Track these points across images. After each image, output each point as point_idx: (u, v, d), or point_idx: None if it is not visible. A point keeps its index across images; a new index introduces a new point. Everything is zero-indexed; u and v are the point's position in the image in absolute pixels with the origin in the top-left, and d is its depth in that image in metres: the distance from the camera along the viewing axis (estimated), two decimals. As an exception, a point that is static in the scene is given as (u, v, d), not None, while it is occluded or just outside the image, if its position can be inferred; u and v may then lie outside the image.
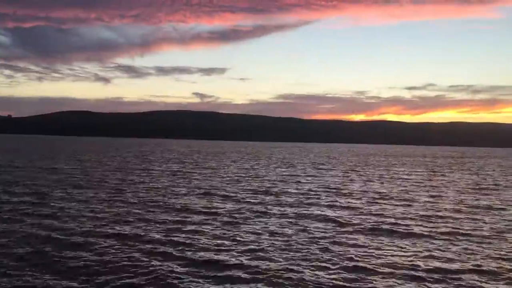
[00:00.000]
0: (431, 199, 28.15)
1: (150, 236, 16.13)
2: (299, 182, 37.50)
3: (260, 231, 17.45)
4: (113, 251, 14.12)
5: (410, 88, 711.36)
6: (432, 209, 23.96)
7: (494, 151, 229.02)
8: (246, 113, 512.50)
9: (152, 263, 13.00)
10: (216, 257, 13.81)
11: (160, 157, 72.92)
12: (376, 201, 26.77)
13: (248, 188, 31.99)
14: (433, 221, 20.46)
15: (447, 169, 61.52)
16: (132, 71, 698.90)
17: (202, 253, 14.15)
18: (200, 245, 15.17)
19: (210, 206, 23.29)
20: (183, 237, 16.15)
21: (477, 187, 37.24)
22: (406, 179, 43.40)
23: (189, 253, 14.18)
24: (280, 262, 13.45)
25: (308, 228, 18.18)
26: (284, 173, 46.17)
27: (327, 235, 17.07)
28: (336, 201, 26.26)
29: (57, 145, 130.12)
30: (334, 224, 19.18)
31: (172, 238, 16.01)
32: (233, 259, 13.60)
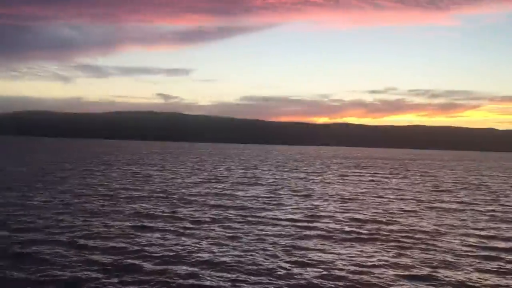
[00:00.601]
0: (391, 201, 28.41)
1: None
2: (261, 184, 37.23)
3: (215, 236, 16.99)
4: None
5: (372, 92, 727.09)
6: (390, 211, 24.13)
7: (451, 154, 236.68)
8: (210, 115, 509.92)
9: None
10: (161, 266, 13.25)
11: (120, 159, 71.21)
12: (336, 203, 26.77)
13: (208, 191, 31.42)
14: (385, 222, 20.56)
15: (407, 171, 62.75)
16: (93, 71, 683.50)
17: (150, 263, 13.56)
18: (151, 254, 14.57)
19: (167, 210, 22.62)
20: (131, 245, 15.51)
21: (435, 189, 37.99)
22: (368, 181, 43.87)
23: (138, 262, 13.58)
24: (234, 271, 13.04)
25: (265, 232, 17.85)
26: (246, 175, 45.82)
27: (287, 238, 16.79)
28: (298, 203, 26.09)
29: (14, 146, 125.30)
30: (294, 227, 18.92)
31: (123, 246, 15.34)
32: (184, 268, 13.09)
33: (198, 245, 15.37)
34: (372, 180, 44.65)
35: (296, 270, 12.92)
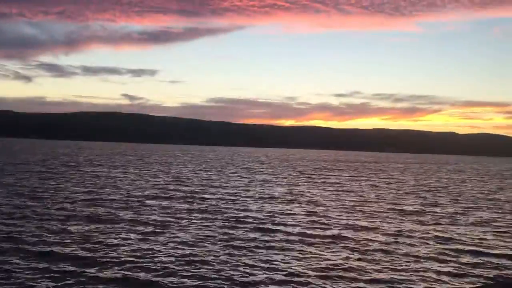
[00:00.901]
0: (355, 204, 28.69)
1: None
2: (227, 187, 36.99)
3: (178, 241, 16.68)
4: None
5: (337, 95, 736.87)
6: (354, 214, 24.36)
7: (413, 157, 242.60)
8: (177, 116, 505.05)
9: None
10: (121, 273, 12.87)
11: (82, 160, 69.44)
12: (301, 206, 26.82)
13: (172, 193, 30.94)
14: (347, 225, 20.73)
15: (371, 174, 63.79)
16: (56, 70, 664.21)
17: (114, 269, 13.15)
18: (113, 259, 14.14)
19: (130, 213, 22.10)
20: (94, 249, 15.03)
21: (398, 192, 38.69)
22: (333, 183, 44.28)
23: (97, 267, 13.14)
24: (197, 276, 12.80)
25: (231, 234, 17.65)
26: (211, 178, 45.47)
27: (251, 242, 16.64)
28: (263, 206, 26.00)
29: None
30: (259, 231, 18.80)
31: (81, 252, 14.83)
32: (144, 275, 12.76)
33: (160, 251, 15.02)
34: (337, 183, 45.10)
35: (259, 275, 12.78)
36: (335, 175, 57.53)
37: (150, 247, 15.48)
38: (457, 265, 14.61)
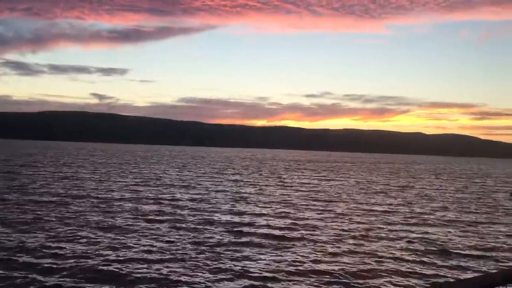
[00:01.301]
0: (325, 204, 28.77)
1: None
2: (195, 187, 36.57)
3: (149, 239, 16.26)
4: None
5: (308, 96, 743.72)
6: (322, 215, 24.39)
7: (382, 156, 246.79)
8: (147, 116, 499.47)
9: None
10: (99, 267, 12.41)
11: (49, 160, 67.59)
12: (270, 206, 26.70)
13: (141, 195, 30.35)
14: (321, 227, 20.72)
15: (341, 174, 64.39)
16: (22, 68, 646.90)
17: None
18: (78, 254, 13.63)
19: (96, 216, 21.48)
20: (64, 247, 14.47)
21: (368, 191, 39.09)
22: (304, 184, 44.41)
23: (59, 262, 12.63)
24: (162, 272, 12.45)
25: (200, 235, 17.34)
26: (181, 178, 44.91)
27: (219, 242, 16.37)
28: (232, 208, 25.74)
29: None
30: (226, 233, 18.54)
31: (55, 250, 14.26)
32: (111, 268, 12.33)
33: (127, 254, 14.58)
34: (308, 184, 45.25)
35: (222, 280, 12.54)
36: (305, 176, 57.77)
37: (117, 251, 15.03)
38: (421, 264, 14.71)
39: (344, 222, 22.06)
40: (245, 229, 19.37)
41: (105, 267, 13.07)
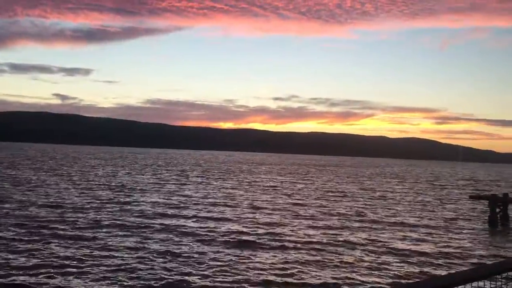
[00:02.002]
0: (290, 207, 28.66)
1: None
2: (160, 190, 35.84)
3: (110, 249, 15.65)
4: None
5: (275, 99, 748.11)
6: (287, 218, 24.26)
7: (346, 159, 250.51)
8: (112, 117, 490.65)
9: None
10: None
11: (4, 163, 65.09)
12: (236, 209, 26.39)
13: (103, 198, 29.42)
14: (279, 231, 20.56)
15: (307, 177, 64.73)
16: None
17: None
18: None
19: (55, 218, 20.58)
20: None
21: (332, 194, 39.30)
22: (269, 187, 44.30)
23: None
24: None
25: (150, 240, 16.85)
26: (147, 181, 43.99)
27: (189, 250, 15.94)
28: (197, 211, 25.29)
29: None
30: (188, 236, 18.12)
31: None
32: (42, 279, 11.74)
33: (88, 257, 13.95)
34: (273, 187, 45.17)
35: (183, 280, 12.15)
36: (270, 179, 57.74)
37: (79, 256, 14.38)
38: (381, 267, 14.72)
39: (306, 225, 21.97)
40: (210, 232, 19.00)
41: (68, 269, 12.44)
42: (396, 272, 14.36)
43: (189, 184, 43.39)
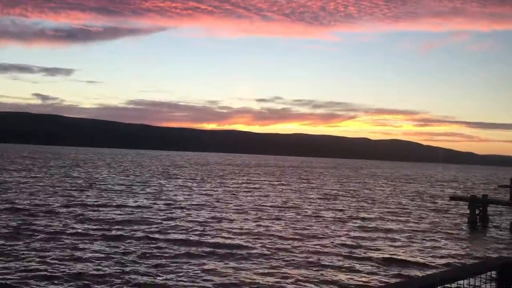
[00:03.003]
0: (273, 209, 28.57)
1: None
2: (140, 193, 35.42)
3: (91, 253, 15.31)
4: None
5: (259, 100, 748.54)
6: (268, 220, 24.16)
7: (330, 161, 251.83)
8: (94, 118, 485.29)
9: None
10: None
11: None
12: (219, 212, 26.19)
13: (79, 201, 28.92)
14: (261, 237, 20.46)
15: (290, 178, 64.80)
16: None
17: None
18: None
19: (21, 222, 20.11)
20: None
21: (315, 196, 39.38)
22: (252, 189, 44.18)
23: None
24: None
25: (147, 246, 16.56)
26: (124, 183, 43.45)
27: (142, 250, 15.69)
28: (173, 213, 25.02)
29: None
30: (158, 242, 17.87)
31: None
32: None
33: (54, 263, 13.62)
34: (256, 188, 45.07)
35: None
36: (251, 180, 57.64)
37: (57, 261, 14.03)
38: (359, 270, 14.72)
39: (283, 228, 21.89)
40: (190, 238, 18.77)
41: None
42: (375, 275, 14.38)
43: (168, 186, 43.03)
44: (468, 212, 26.71)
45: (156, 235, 18.58)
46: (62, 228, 19.13)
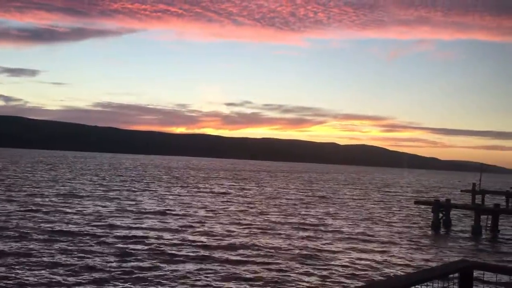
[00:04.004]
0: (241, 213, 28.44)
1: None
2: (106, 197, 34.69)
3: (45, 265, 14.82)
4: None
5: (228, 104, 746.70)
6: (233, 226, 24.05)
7: (299, 166, 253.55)
8: (59, 120, 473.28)
9: None
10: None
11: None
12: (184, 217, 25.89)
13: (39, 205, 28.08)
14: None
15: (259, 184, 64.81)
16: None
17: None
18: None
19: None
20: None
21: (280, 202, 39.45)
22: (220, 193, 43.93)
23: None
24: None
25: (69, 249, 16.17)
26: (87, 189, 42.49)
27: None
28: (131, 219, 24.60)
29: None
30: (115, 248, 17.52)
31: None
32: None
33: (23, 273, 13.11)
34: (224, 193, 44.84)
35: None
36: (220, 185, 57.38)
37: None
38: (326, 277, 14.79)
39: (249, 234, 21.84)
40: (148, 243, 18.46)
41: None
42: (341, 280, 14.47)
43: (133, 191, 42.37)
44: (431, 216, 27.31)
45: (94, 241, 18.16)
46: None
